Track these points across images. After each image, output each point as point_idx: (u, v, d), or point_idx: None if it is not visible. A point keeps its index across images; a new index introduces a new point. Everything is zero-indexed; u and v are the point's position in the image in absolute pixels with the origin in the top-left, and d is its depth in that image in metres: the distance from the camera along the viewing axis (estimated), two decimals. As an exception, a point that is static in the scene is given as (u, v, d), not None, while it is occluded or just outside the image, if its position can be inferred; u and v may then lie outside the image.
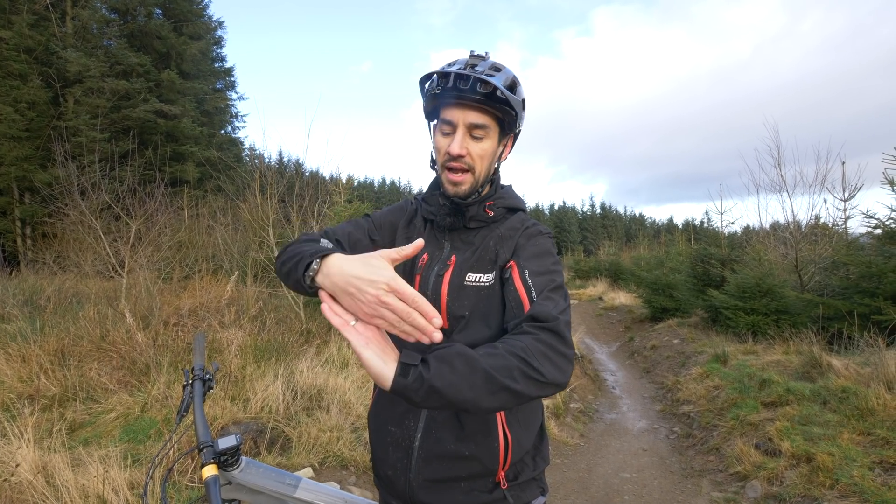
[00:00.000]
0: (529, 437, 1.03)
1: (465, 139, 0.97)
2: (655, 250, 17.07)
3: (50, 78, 14.92)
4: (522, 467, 1.01)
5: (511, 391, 0.75)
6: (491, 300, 0.98)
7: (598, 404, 5.64)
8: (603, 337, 9.74)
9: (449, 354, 0.74)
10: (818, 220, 8.25)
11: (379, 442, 1.05)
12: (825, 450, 3.08)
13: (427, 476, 0.96)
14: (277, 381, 3.73)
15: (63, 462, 2.62)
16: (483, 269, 1.00)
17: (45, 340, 4.88)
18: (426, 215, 1.10)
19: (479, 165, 0.99)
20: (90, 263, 7.30)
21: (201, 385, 1.19)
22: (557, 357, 0.80)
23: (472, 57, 0.99)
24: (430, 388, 0.70)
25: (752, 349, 5.78)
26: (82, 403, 3.92)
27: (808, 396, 3.91)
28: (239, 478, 1.10)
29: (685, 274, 9.34)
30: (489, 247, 1.02)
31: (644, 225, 68.57)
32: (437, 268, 1.03)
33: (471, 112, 0.95)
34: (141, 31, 17.77)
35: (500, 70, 0.97)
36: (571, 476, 3.71)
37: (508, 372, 0.75)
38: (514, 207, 1.09)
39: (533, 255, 0.98)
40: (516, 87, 0.99)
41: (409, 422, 1.00)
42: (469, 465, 0.96)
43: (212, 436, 1.10)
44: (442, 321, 0.71)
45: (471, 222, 1.05)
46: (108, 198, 6.85)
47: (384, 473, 1.03)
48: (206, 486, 0.99)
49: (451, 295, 0.99)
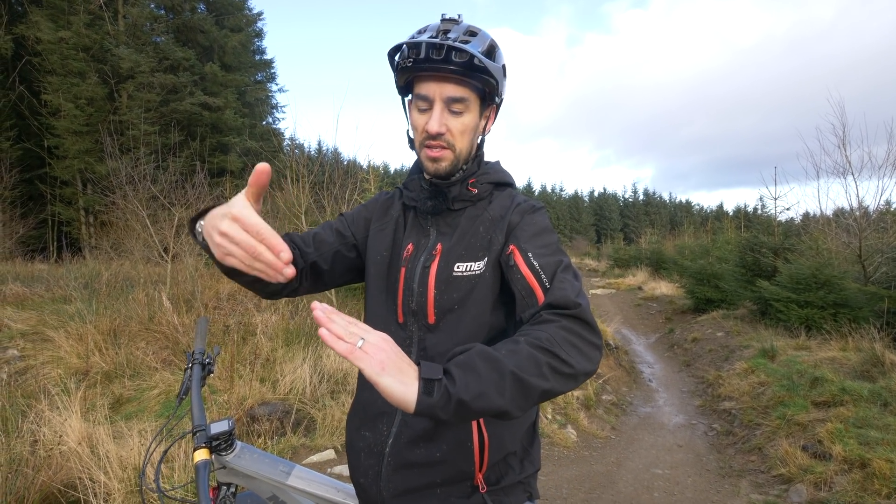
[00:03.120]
0: (514, 437, 0.94)
1: (443, 115, 0.88)
2: (701, 238, 16.19)
3: (105, 75, 15.84)
4: (506, 470, 0.93)
5: (542, 390, 0.68)
6: (481, 289, 0.90)
7: (632, 397, 5.44)
8: (641, 328, 9.38)
9: (471, 360, 0.66)
10: (888, 206, 7.51)
11: (352, 448, 0.99)
12: (883, 455, 2.81)
13: (398, 485, 0.89)
14: (305, 364, 3.82)
15: (106, 434, 2.80)
16: (473, 257, 0.91)
17: (99, 321, 5.24)
18: (408, 202, 1.02)
19: (459, 142, 0.91)
20: (140, 250, 7.75)
21: (200, 369, 1.20)
22: (585, 346, 0.73)
23: (444, 21, 0.90)
24: (458, 403, 0.62)
25: (805, 344, 5.38)
26: (129, 380, 4.19)
27: (867, 397, 3.58)
28: (233, 462, 1.10)
29: (733, 263, 8.81)
30: (479, 232, 0.93)
31: (690, 212, 65.35)
32: (423, 258, 0.94)
33: (447, 85, 0.86)
34: (185, 26, 18.50)
35: (476, 34, 0.88)
36: (599, 469, 3.60)
37: (538, 369, 0.67)
38: (500, 182, 1.00)
39: (532, 234, 0.89)
40: (495, 52, 0.90)
41: (383, 426, 0.93)
42: (442, 470, 0.88)
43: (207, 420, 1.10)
44: (290, 255, 0.67)
45: (454, 203, 0.97)
46: (154, 188, 7.22)
47: (357, 481, 0.97)
48: (196, 470, 0.99)
49: (438, 288, 0.91)
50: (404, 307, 0.94)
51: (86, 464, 2.57)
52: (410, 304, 0.93)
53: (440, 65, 0.84)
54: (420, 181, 0.99)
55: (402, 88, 0.95)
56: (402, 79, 0.91)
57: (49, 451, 2.64)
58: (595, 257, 26.44)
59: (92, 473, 2.49)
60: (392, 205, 1.05)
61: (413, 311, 0.93)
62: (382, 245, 1.00)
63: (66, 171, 15.58)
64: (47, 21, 15.03)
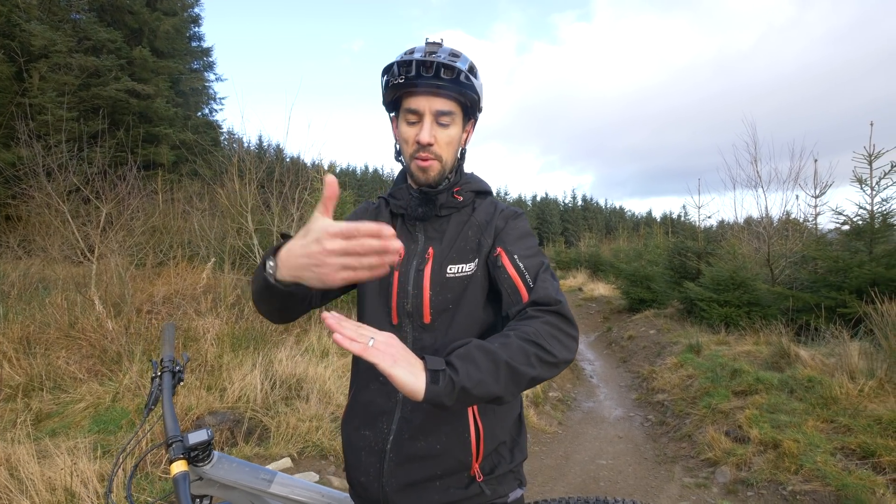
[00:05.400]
0: (504, 428, 1.02)
1: (433, 127, 0.96)
2: (634, 243, 17.37)
3: (12, 52, 14.08)
4: (499, 459, 1.00)
5: (531, 378, 0.78)
6: (473, 289, 0.98)
7: (576, 393, 5.74)
8: (582, 327, 9.90)
9: (470, 353, 0.75)
10: (790, 216, 8.52)
11: (351, 448, 1.03)
12: (791, 437, 3.21)
13: (401, 480, 0.95)
14: (256, 370, 3.67)
15: (28, 454, 2.52)
16: (463, 259, 1.00)
17: (8, 327, 4.68)
18: (395, 210, 1.09)
19: (445, 153, 0.99)
20: (57, 248, 7.00)
21: (171, 377, 1.14)
22: (565, 337, 0.84)
23: (430, 45, 0.99)
24: (462, 390, 0.72)
25: (725, 340, 5.95)
26: (49, 393, 3.79)
27: (777, 385, 4.05)
28: (211, 473, 1.06)
29: (662, 266, 9.53)
30: (468, 236, 1.02)
31: (624, 217, 69.63)
32: (416, 262, 1.01)
33: (436, 99, 0.95)
34: (112, 6, 16.92)
35: (459, 56, 0.98)
36: (549, 463, 3.78)
37: (527, 359, 0.78)
38: (481, 191, 1.11)
39: (517, 238, 1.00)
40: (475, 71, 1.00)
41: (383, 424, 0.98)
42: (442, 462, 0.95)
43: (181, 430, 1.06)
44: (389, 227, 0.67)
45: (441, 210, 1.05)
46: (77, 180, 6.56)
47: (357, 480, 1.01)
48: (175, 483, 0.95)
49: (433, 289, 0.98)
50: (399, 309, 1.00)
51: (4, 488, 2.31)
52: (405, 306, 0.99)
53: (431, 80, 0.93)
54: (409, 190, 1.05)
55: (389, 105, 1.03)
56: (392, 95, 0.99)
57: (-40, 475, 2.34)
58: (538, 260, 27.41)
59: (13, 499, 2.25)
60: (380, 213, 1.11)
61: (408, 313, 0.99)
62: None
63: (-39, 158, 13.67)
64: (-61, -14, 13.14)
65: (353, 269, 0.69)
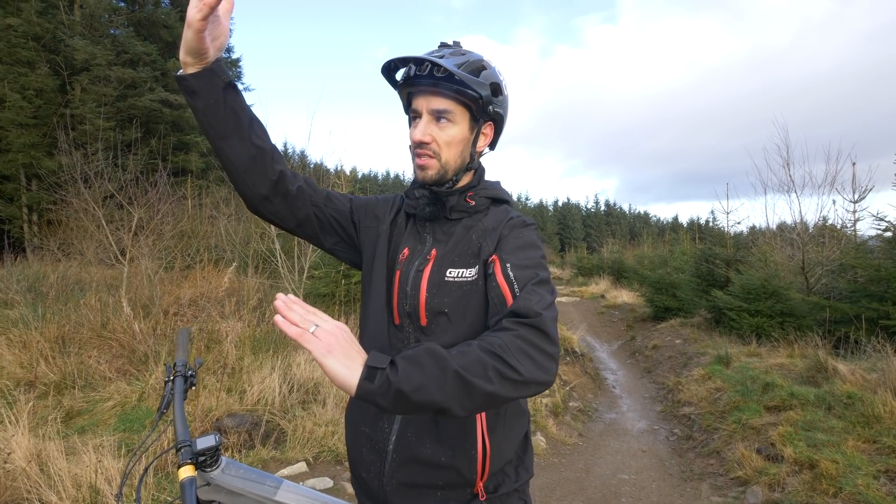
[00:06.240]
0: (511, 446, 0.98)
1: (428, 126, 0.95)
2: (659, 249, 16.93)
3: (57, 66, 14.89)
4: (503, 478, 0.96)
5: (485, 393, 0.70)
6: (473, 296, 0.94)
7: (597, 403, 5.60)
8: (604, 335, 9.68)
9: (418, 355, 0.70)
10: (826, 222, 8.13)
11: (353, 443, 1.02)
12: (829, 457, 3.02)
13: (401, 479, 0.93)
14: (274, 373, 3.71)
15: (57, 450, 2.61)
16: (465, 264, 0.96)
17: (46, 327, 4.89)
18: (408, 209, 1.07)
19: (445, 152, 0.97)
20: (93, 251, 7.31)
21: (182, 382, 1.15)
22: (539, 354, 0.74)
23: (440, 47, 0.98)
24: (398, 393, 0.66)
25: (756, 352, 5.71)
26: (80, 391, 3.93)
27: (813, 401, 3.84)
28: (218, 479, 1.06)
29: (689, 273, 9.25)
30: (471, 240, 0.98)
31: (649, 223, 68.12)
32: (418, 263, 0.99)
33: (433, 98, 0.94)
34: (148, 20, 17.71)
35: (464, 55, 0.96)
36: (569, 476, 3.68)
37: (483, 372, 0.70)
38: (498, 198, 1.06)
39: (516, 247, 0.94)
40: (482, 70, 0.96)
41: (384, 423, 0.96)
42: (446, 474, 0.91)
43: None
44: None
45: (452, 213, 1.02)
46: (112, 186, 6.84)
47: (359, 475, 1.00)
48: (182, 488, 0.96)
49: (430, 291, 0.95)
50: (399, 309, 0.98)
51: (34, 483, 2.39)
52: (405, 307, 0.97)
53: (424, 79, 0.92)
54: (419, 190, 1.04)
55: (406, 108, 1.03)
56: (404, 97, 1.00)
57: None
58: (559, 265, 27.11)
59: (41, 494, 2.32)
60: (399, 212, 1.10)
61: (408, 314, 0.97)
62: (382, 247, 1.05)
63: (9, 166, 14.48)
64: (-6, 7, 14.05)
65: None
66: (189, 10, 0.80)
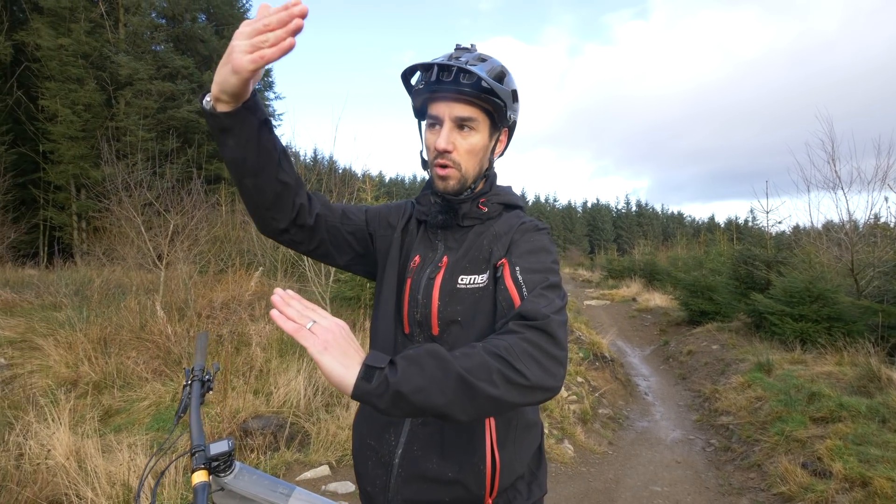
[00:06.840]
0: (523, 461, 0.93)
1: (451, 133, 0.91)
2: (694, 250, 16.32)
3: (104, 81, 15.83)
4: (514, 495, 0.92)
5: (489, 397, 0.66)
6: (485, 302, 0.91)
7: (628, 410, 5.40)
8: (636, 340, 9.37)
9: (419, 355, 0.67)
10: (878, 220, 7.62)
11: (360, 456, 0.99)
12: (884, 474, 2.79)
13: (406, 497, 0.89)
14: (300, 376, 3.76)
15: (94, 448, 2.72)
16: (476, 270, 0.93)
17: (89, 329, 5.15)
18: (419, 216, 1.05)
19: (465, 161, 0.94)
20: (133, 257, 7.67)
21: (199, 386, 1.16)
22: (545, 358, 0.71)
23: (457, 50, 0.95)
24: (396, 394, 0.63)
25: (801, 359, 5.38)
26: (118, 391, 4.10)
27: (865, 413, 3.58)
28: (231, 484, 1.06)
29: (726, 276, 8.86)
30: (483, 245, 0.95)
31: (683, 223, 65.90)
32: (429, 270, 0.96)
33: (456, 105, 0.90)
34: (186, 35, 18.57)
35: (486, 60, 0.92)
36: (597, 486, 3.55)
37: (487, 375, 0.66)
38: (510, 204, 1.03)
39: (527, 251, 0.90)
40: (504, 77, 0.94)
41: (390, 436, 0.93)
42: (452, 490, 0.87)
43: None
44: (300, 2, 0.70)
45: (464, 220, 0.99)
46: (150, 194, 7.17)
47: (364, 489, 0.97)
48: (195, 493, 0.96)
49: (442, 300, 0.92)
50: (410, 318, 0.96)
51: (73, 479, 2.50)
52: (416, 315, 0.95)
53: (449, 86, 0.88)
54: (431, 196, 1.01)
55: (417, 112, 1.00)
56: (418, 101, 0.97)
57: (35, 465, 2.56)
58: (589, 268, 26.54)
59: (79, 489, 2.42)
60: (410, 219, 1.08)
61: (419, 322, 0.94)
62: (394, 255, 1.03)
63: (61, 176, 15.48)
64: (48, 28, 15.06)
65: (259, 48, 0.70)
66: (239, 57, 0.71)
